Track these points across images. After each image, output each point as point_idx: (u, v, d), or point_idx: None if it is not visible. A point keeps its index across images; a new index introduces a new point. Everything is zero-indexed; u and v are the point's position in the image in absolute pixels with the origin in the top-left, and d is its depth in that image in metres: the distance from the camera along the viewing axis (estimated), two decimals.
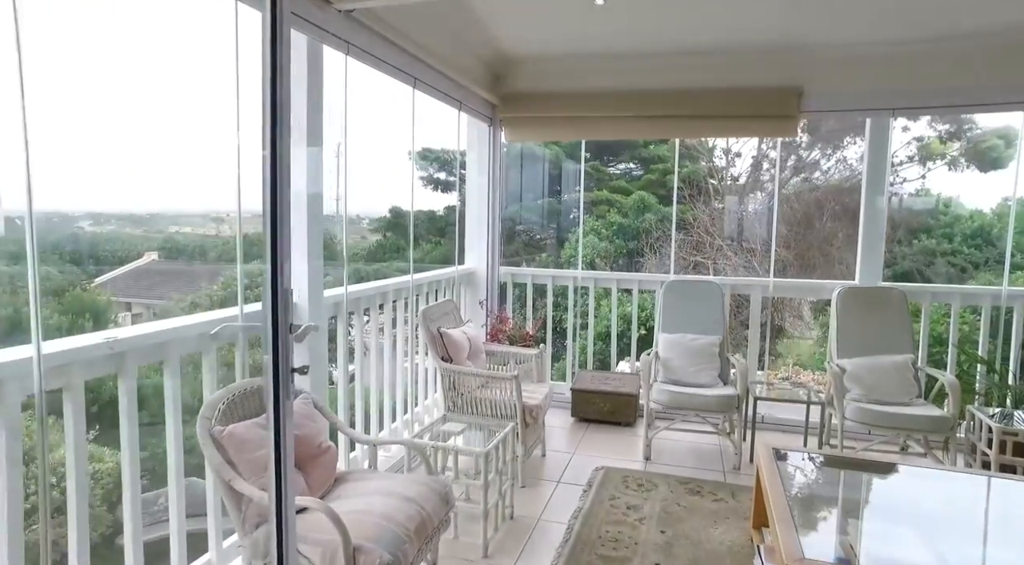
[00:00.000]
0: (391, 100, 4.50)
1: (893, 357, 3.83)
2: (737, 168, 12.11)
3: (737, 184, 12.24)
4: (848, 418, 3.59)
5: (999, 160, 11.23)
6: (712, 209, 11.76)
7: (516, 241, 14.17)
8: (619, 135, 4.51)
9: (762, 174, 11.95)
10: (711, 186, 11.84)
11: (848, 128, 11.43)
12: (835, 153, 11.73)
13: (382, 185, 17.88)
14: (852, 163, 11.63)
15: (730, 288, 4.52)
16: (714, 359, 4.07)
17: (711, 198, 11.88)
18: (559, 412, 4.63)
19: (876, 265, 4.23)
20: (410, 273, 3.76)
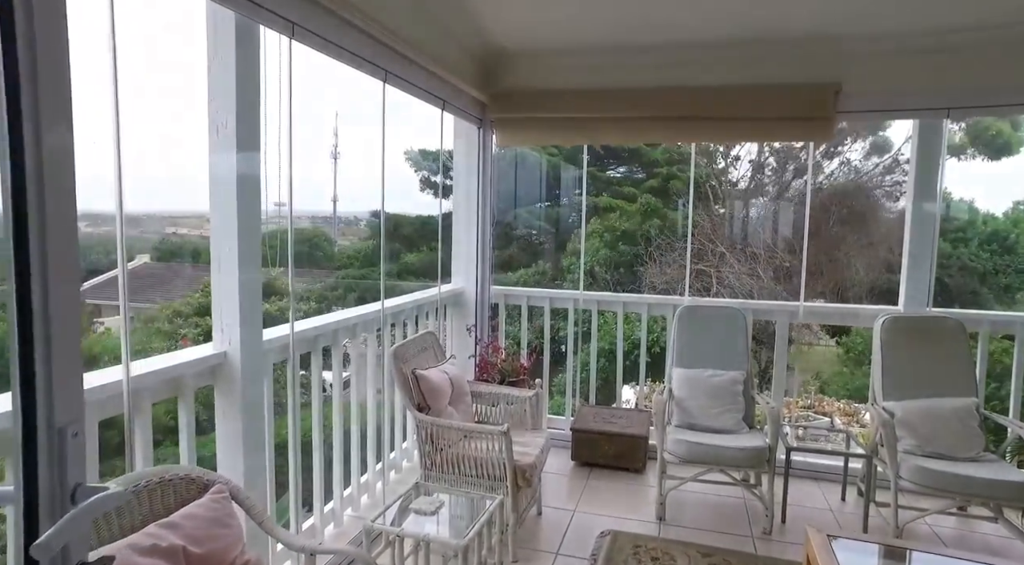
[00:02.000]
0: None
1: (953, 401, 3.17)
2: (738, 172, 11.45)
3: (737, 188, 11.58)
4: (904, 478, 2.93)
5: (1007, 146, 10.50)
6: (713, 215, 11.11)
7: (513, 247, 13.53)
8: (628, 139, 3.88)
9: (764, 177, 11.28)
10: (711, 190, 11.18)
11: (851, 128, 10.78)
12: (837, 155, 11.06)
13: (377, 186, 17.15)
14: (856, 164, 10.97)
15: (752, 313, 3.86)
16: (737, 399, 3.41)
17: (712, 203, 11.22)
18: (557, 453, 3.97)
19: (923, 288, 3.57)
20: (381, 301, 3.10)
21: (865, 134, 10.76)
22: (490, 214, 4.27)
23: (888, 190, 10.62)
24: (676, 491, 3.37)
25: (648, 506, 3.32)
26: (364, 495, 3.17)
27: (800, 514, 3.28)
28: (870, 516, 3.18)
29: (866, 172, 10.65)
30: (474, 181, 4.18)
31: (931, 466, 2.87)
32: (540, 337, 4.43)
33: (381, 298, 3.10)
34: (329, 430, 2.93)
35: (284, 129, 2.32)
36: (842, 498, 3.50)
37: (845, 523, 3.23)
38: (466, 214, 4.25)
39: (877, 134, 10.63)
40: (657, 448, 3.21)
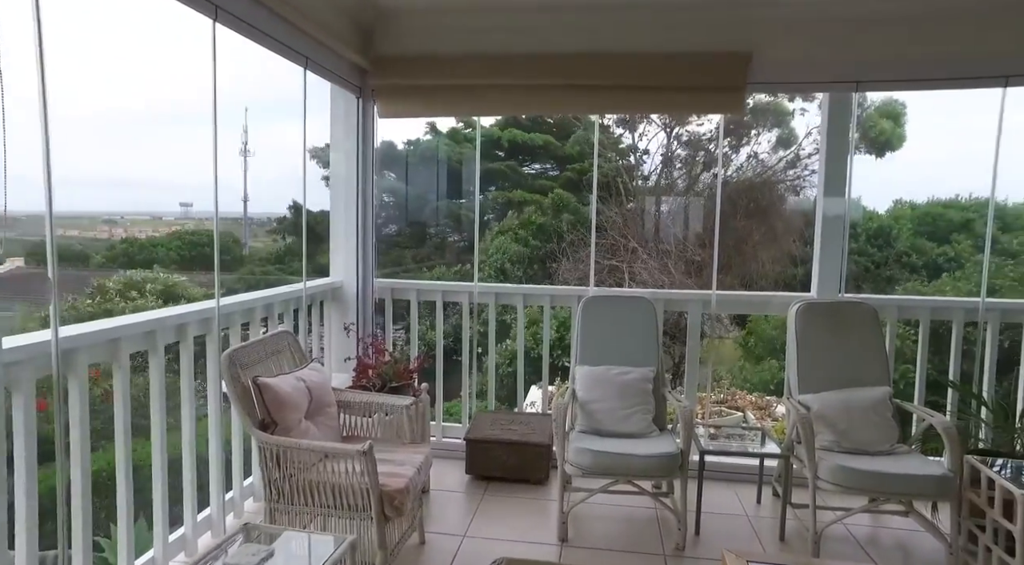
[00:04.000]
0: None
1: (869, 391, 2.94)
2: (649, 166, 11.40)
3: (648, 184, 11.54)
4: (822, 478, 2.64)
5: (890, 142, 11.00)
6: (624, 210, 10.99)
7: (427, 245, 12.94)
8: (527, 109, 3.44)
9: (673, 171, 11.28)
10: (622, 186, 11.06)
11: (755, 119, 10.94)
12: (744, 147, 11.22)
13: (282, 181, 16.07)
14: (763, 157, 11.16)
15: (663, 304, 3.53)
16: (647, 398, 3.04)
17: (623, 199, 11.11)
18: (451, 467, 3.48)
19: (835, 275, 3.35)
20: (216, 296, 2.48)
21: (770, 126, 10.97)
22: (372, 196, 3.72)
23: (791, 184, 10.86)
24: (582, 505, 2.96)
25: (550, 525, 2.88)
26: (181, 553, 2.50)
27: (715, 524, 2.95)
28: (788, 519, 2.89)
29: (771, 166, 10.84)
30: (354, 157, 3.62)
31: (849, 464, 2.59)
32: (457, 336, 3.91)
33: (216, 292, 2.49)
34: (145, 464, 2.30)
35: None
36: (758, 501, 3.22)
37: (762, 530, 2.93)
38: (345, 195, 3.68)
39: (782, 129, 10.86)
40: (558, 460, 2.78)
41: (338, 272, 3.74)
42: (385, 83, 3.53)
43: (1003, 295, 8.51)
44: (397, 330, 3.88)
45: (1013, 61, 3.01)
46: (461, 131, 12.99)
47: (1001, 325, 3.30)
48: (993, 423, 3.07)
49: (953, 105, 12.11)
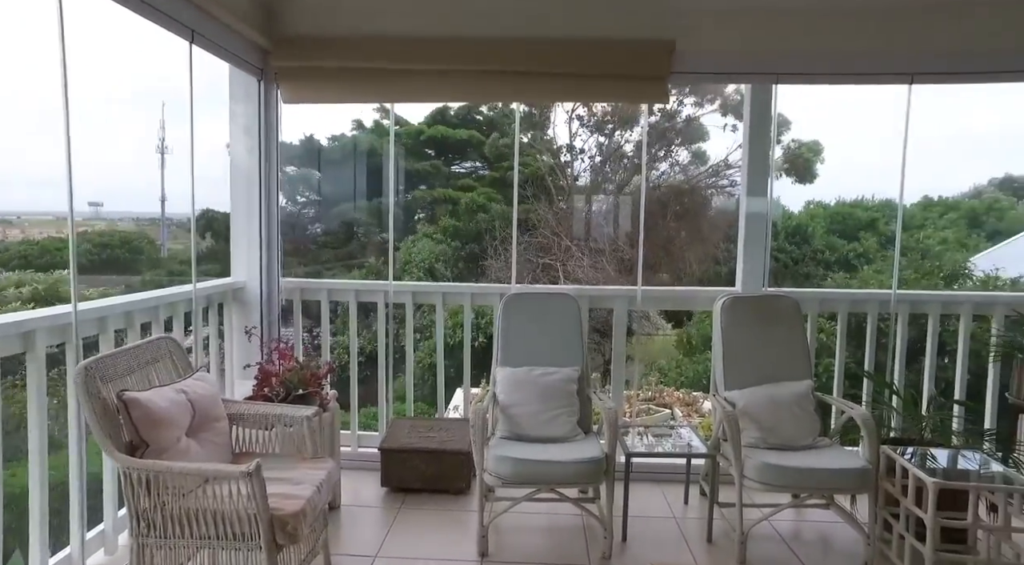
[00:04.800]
0: None
1: (793, 385, 2.90)
2: (581, 166, 11.43)
3: (580, 183, 11.57)
4: (748, 477, 2.57)
5: (813, 175, 11.64)
6: (557, 209, 10.96)
7: (354, 244, 12.48)
8: (442, 97, 3.24)
9: (605, 172, 11.36)
10: (554, 185, 11.03)
11: (679, 132, 11.20)
12: (668, 156, 11.45)
13: (207, 179, 15.17)
14: (685, 165, 11.41)
15: (588, 301, 3.40)
16: (572, 400, 2.90)
17: (555, 197, 11.08)
18: (368, 479, 3.23)
19: (759, 269, 3.31)
20: (72, 299, 2.14)
21: (692, 141, 11.27)
22: (277, 187, 3.41)
23: (717, 189, 11.15)
24: (505, 515, 2.78)
25: (470, 539, 2.68)
26: None
27: (643, 528, 2.84)
28: (715, 519, 2.81)
29: (695, 174, 11.09)
30: (256, 146, 3.30)
31: (775, 462, 2.53)
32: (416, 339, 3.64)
33: (73, 298, 2.14)
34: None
35: None
36: (685, 501, 3.13)
37: (689, 532, 2.84)
38: (247, 187, 3.35)
39: (702, 141, 11.18)
40: (477, 469, 2.59)
41: (240, 272, 3.41)
42: (289, 65, 3.23)
43: (908, 287, 8.97)
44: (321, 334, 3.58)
45: (918, 59, 3.06)
46: (387, 126, 12.62)
47: (909, 316, 3.36)
48: (903, 411, 3.11)
49: (861, 109, 12.78)
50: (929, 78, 3.07)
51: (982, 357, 3.35)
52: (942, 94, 12.68)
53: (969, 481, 2.41)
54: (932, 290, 6.86)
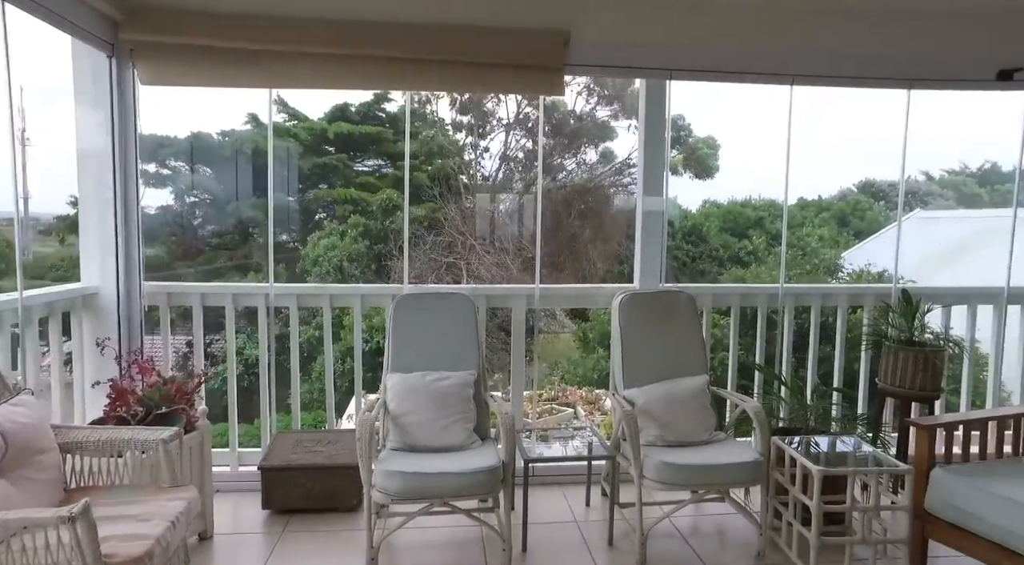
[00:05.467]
0: None
1: (690, 381, 2.89)
2: (487, 165, 11.32)
3: (487, 182, 11.47)
4: (647, 477, 2.52)
5: (711, 169, 12.15)
6: (463, 208, 10.80)
7: (250, 245, 11.71)
8: (324, 82, 2.96)
9: (511, 172, 11.32)
10: (461, 184, 10.86)
11: (586, 133, 11.37)
12: (575, 156, 11.59)
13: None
14: (591, 165, 11.58)
15: (486, 300, 3.26)
16: (468, 405, 2.74)
17: (462, 196, 10.91)
18: (249, 502, 2.92)
19: (656, 266, 3.31)
20: None
21: (597, 142, 11.46)
22: (137, 179, 3.01)
23: (618, 188, 11.38)
24: (399, 532, 2.58)
25: (359, 560, 2.46)
26: None
27: (543, 535, 2.73)
28: (616, 520, 2.75)
29: (599, 173, 11.28)
30: (106, 131, 2.89)
31: (673, 460, 2.49)
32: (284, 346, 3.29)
33: None
34: None
35: None
36: (587, 503, 3.06)
37: (591, 536, 2.76)
38: (98, 180, 2.93)
39: (607, 139, 11.40)
40: (364, 486, 2.37)
41: (91, 276, 2.98)
42: (146, 40, 2.85)
43: (794, 281, 9.54)
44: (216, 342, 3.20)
45: (798, 61, 3.15)
46: (283, 124, 11.97)
47: (796, 309, 3.47)
48: (791, 401, 3.20)
49: (752, 111, 13.54)
50: (808, 80, 3.17)
51: (858, 346, 3.52)
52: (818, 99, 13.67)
53: (847, 465, 2.49)
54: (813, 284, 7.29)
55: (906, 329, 3.02)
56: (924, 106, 3.37)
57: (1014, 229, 3.62)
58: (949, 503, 2.30)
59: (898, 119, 3.39)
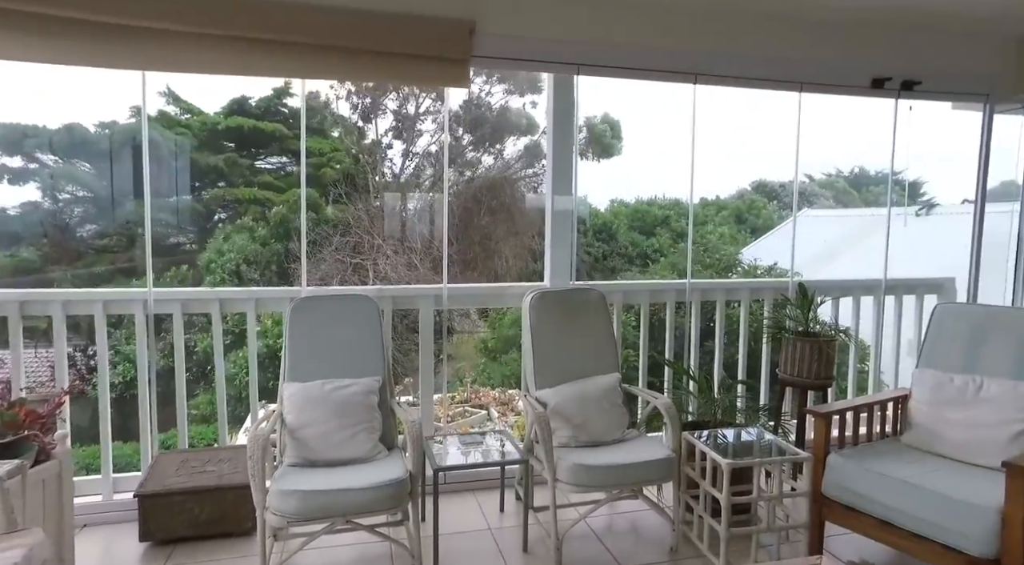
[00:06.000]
0: None
1: (602, 379, 2.87)
2: (394, 163, 11.01)
3: (396, 181, 11.16)
4: (561, 479, 2.46)
5: (610, 148, 12.28)
6: (371, 207, 10.45)
7: (138, 247, 10.77)
8: (202, 67, 2.69)
9: (418, 168, 11.07)
10: (368, 183, 10.51)
11: (494, 120, 11.28)
12: (485, 147, 11.46)
13: None
14: (502, 157, 11.51)
15: (391, 302, 3.09)
16: (372, 414, 2.57)
17: (369, 195, 10.55)
18: (124, 534, 2.60)
19: (566, 264, 3.27)
20: None
21: (519, 134, 11.40)
22: None
23: (529, 181, 11.39)
24: (301, 553, 2.37)
25: None
26: None
27: (456, 546, 2.61)
28: (531, 524, 2.68)
29: (510, 166, 11.24)
30: None
31: (586, 462, 2.45)
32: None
33: None
34: None
35: None
36: (501, 508, 2.97)
37: (505, 543, 2.67)
38: None
39: (517, 134, 11.34)
40: (257, 509, 2.16)
41: None
42: None
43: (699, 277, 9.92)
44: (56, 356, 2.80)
45: (702, 59, 3.21)
46: (175, 116, 11.13)
47: (702, 304, 3.55)
48: (699, 395, 3.27)
49: (654, 112, 14.03)
50: (711, 79, 3.24)
51: (762, 339, 3.65)
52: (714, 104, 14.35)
53: (752, 456, 2.55)
54: (716, 279, 7.60)
55: (803, 321, 3.15)
56: (806, 113, 3.54)
57: (889, 226, 3.89)
58: (843, 486, 2.40)
59: (786, 123, 3.55)
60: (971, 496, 2.11)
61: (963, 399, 2.53)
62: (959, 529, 2.09)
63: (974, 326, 2.69)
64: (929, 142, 3.56)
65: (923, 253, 5.44)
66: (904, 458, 2.47)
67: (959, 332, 2.72)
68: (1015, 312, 2.74)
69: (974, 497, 2.11)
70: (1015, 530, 2.00)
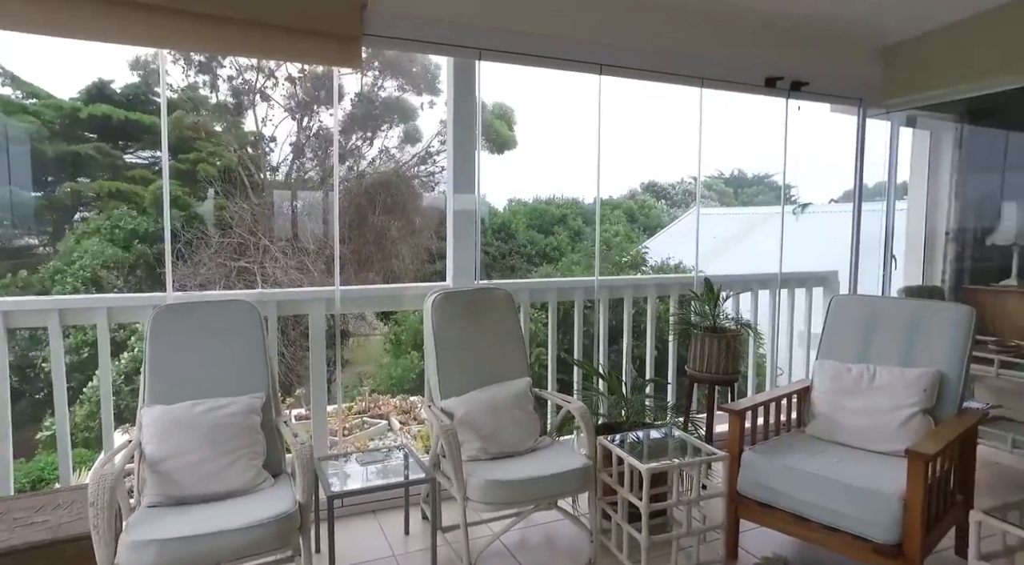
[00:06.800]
0: None
1: (512, 385, 2.68)
2: (277, 156, 10.26)
3: (287, 179, 10.41)
4: (473, 498, 2.25)
5: (507, 141, 12.16)
6: (254, 205, 9.67)
7: None
8: (53, 28, 2.21)
9: (305, 162, 10.40)
10: (248, 178, 9.72)
11: (384, 113, 10.82)
12: (375, 141, 10.97)
13: None
14: (394, 152, 11.06)
15: (277, 307, 2.73)
16: (254, 437, 2.22)
17: (251, 193, 9.77)
18: None
19: (470, 263, 3.06)
20: None
21: (397, 121, 10.94)
22: None
23: (424, 180, 11.05)
24: None
25: None
26: None
27: None
28: (440, 546, 2.45)
29: (404, 162, 10.83)
30: None
31: (499, 477, 2.26)
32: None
33: None
34: None
35: None
36: (406, 531, 2.71)
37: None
38: None
39: (408, 123, 10.93)
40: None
41: None
42: None
43: (605, 274, 10.05)
44: None
45: (607, 51, 3.12)
46: (18, 100, 9.77)
47: (610, 302, 3.48)
48: (609, 395, 3.18)
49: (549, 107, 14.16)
50: (615, 71, 3.15)
51: (667, 336, 3.64)
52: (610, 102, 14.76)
53: (667, 457, 2.46)
54: (621, 277, 7.71)
55: (710, 316, 3.14)
56: (691, 117, 3.58)
57: (783, 223, 4.03)
58: (758, 483, 2.37)
59: (675, 125, 3.56)
60: (875, 484, 2.14)
61: (859, 388, 2.59)
62: (865, 518, 2.11)
63: (866, 317, 2.77)
64: (804, 146, 3.69)
65: (802, 249, 5.78)
66: (810, 449, 2.48)
67: (853, 323, 2.80)
68: (900, 302, 2.86)
69: (877, 485, 2.13)
70: (915, 515, 2.04)
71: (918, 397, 2.46)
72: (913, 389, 2.47)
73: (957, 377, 2.50)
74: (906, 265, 4.36)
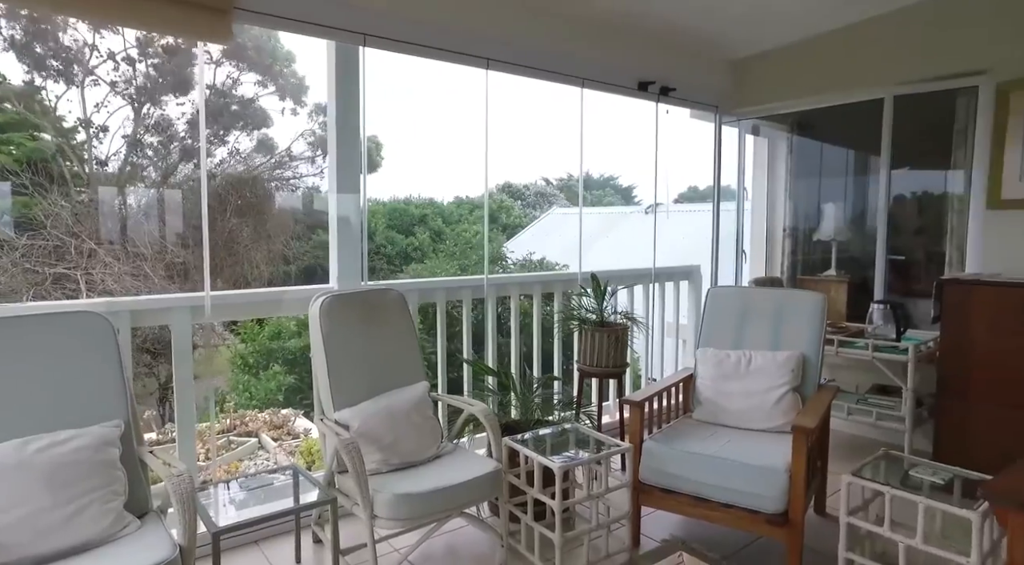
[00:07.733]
0: None
1: (409, 390, 2.50)
2: (106, 148, 8.93)
3: (108, 171, 9.07)
4: (380, 516, 2.05)
5: (376, 164, 11.92)
6: (76, 203, 8.33)
7: None
8: None
9: (142, 158, 9.17)
10: (68, 171, 8.37)
11: (241, 110, 9.94)
12: (226, 143, 10.03)
13: None
14: (244, 155, 10.18)
15: (131, 317, 2.29)
16: (111, 476, 1.82)
17: (71, 188, 8.41)
18: None
19: (356, 263, 2.82)
20: None
21: (251, 129, 10.11)
22: None
23: (281, 183, 10.27)
24: None
25: None
26: None
27: None
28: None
29: (258, 164, 9.97)
30: None
31: (409, 490, 2.08)
32: None
33: None
34: None
35: None
36: (297, 559, 2.42)
37: None
38: None
39: (261, 130, 10.13)
40: None
41: None
42: None
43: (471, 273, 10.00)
44: None
45: (494, 45, 3.04)
46: None
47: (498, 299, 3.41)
48: (500, 391, 3.11)
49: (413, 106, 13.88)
50: (502, 66, 3.08)
51: (561, 332, 3.65)
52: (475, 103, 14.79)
53: (569, 450, 2.45)
54: None
55: (597, 311, 3.19)
56: (547, 120, 3.65)
57: (655, 222, 4.23)
58: (659, 470, 2.43)
59: (531, 129, 3.60)
60: (764, 460, 2.28)
61: (738, 372, 2.77)
62: (758, 492, 2.23)
63: (739, 307, 2.97)
64: (648, 149, 3.92)
65: (658, 245, 6.17)
66: (701, 434, 2.60)
67: (728, 313, 2.99)
68: (767, 292, 3.10)
69: (766, 461, 2.27)
70: (799, 484, 2.20)
71: (787, 377, 2.67)
72: (783, 370, 2.69)
73: (816, 357, 2.76)
74: (752, 259, 4.80)
